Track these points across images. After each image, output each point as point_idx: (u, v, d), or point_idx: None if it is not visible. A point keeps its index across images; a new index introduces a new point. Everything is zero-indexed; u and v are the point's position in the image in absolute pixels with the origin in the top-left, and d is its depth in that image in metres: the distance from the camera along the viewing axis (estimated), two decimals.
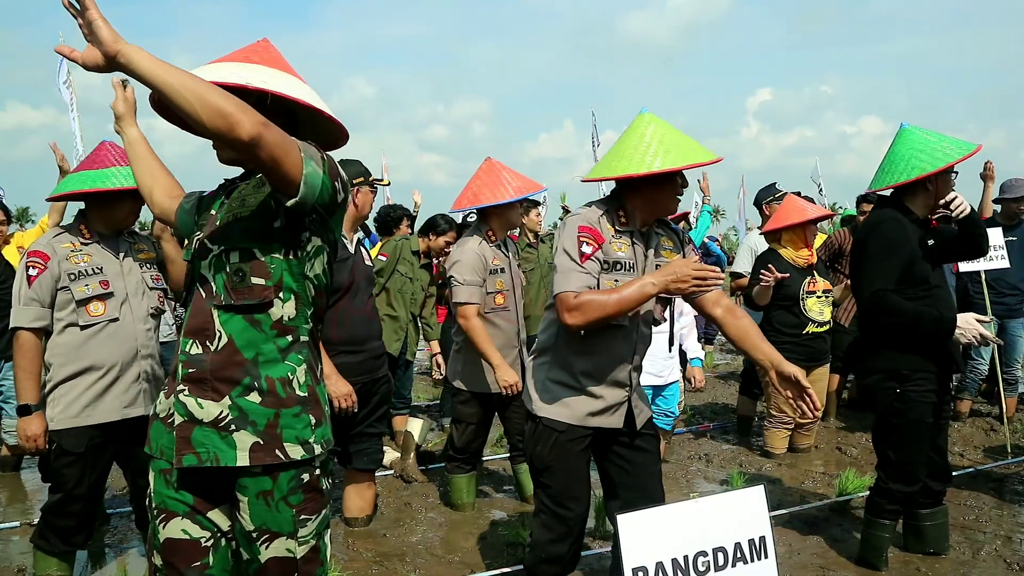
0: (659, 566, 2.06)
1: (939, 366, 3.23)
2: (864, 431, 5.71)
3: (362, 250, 3.84)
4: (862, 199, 6.53)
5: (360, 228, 6.02)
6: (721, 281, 2.34)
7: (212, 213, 1.92)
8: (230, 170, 1.95)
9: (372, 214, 5.66)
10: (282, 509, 1.83)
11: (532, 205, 6.60)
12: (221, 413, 1.79)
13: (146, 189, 2.23)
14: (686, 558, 2.11)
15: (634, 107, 2.90)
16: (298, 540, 1.85)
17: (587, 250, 2.39)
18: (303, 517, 1.86)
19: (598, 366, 2.52)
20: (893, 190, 3.28)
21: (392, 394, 4.82)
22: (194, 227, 1.97)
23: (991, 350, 5.73)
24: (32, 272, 2.92)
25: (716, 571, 2.15)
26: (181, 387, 1.83)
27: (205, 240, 1.86)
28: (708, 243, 8.73)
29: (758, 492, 2.27)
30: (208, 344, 1.81)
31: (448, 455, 4.34)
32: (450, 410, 4.56)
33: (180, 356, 1.85)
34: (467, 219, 5.67)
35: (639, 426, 2.62)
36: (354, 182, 3.68)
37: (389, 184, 10.80)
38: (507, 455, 4.63)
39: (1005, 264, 5.21)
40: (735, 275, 6.23)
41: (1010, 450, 5.15)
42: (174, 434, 1.82)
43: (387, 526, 4.02)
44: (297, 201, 1.71)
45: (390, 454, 4.92)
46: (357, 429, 3.78)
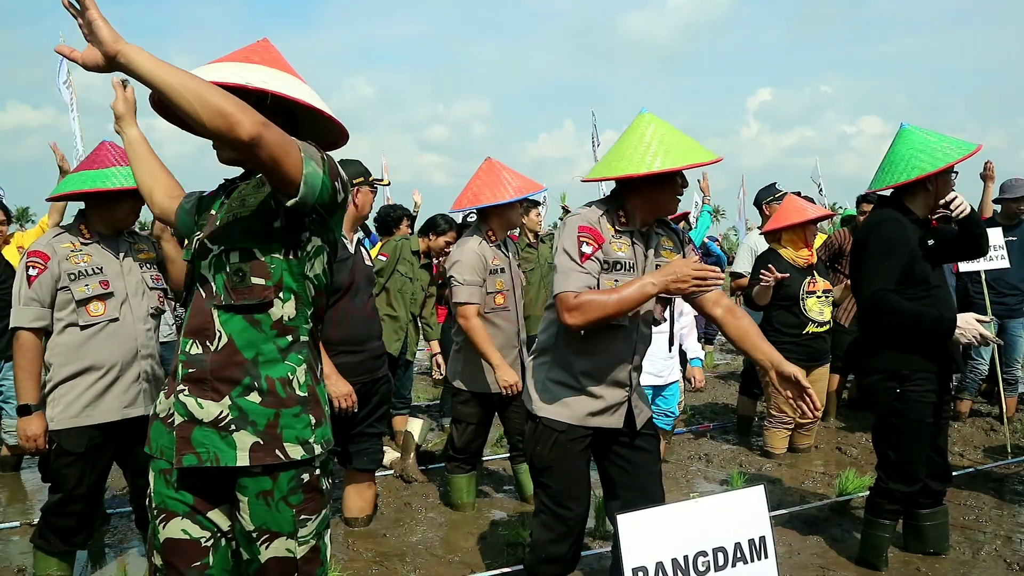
0: (659, 566, 2.07)
1: (939, 366, 3.23)
2: (864, 431, 5.71)
3: (362, 250, 3.84)
4: (862, 199, 6.53)
5: (360, 228, 6.03)
6: (721, 281, 2.34)
7: (212, 213, 1.92)
8: (230, 170, 1.95)
9: (372, 214, 5.67)
10: (282, 509, 1.83)
11: (532, 205, 6.59)
12: (221, 413, 1.79)
13: (146, 189, 2.23)
14: (686, 558, 2.11)
15: (634, 107, 2.90)
16: (298, 540, 1.85)
17: (587, 250, 2.39)
18: (303, 517, 1.86)
19: (598, 366, 2.52)
20: (893, 190, 3.28)
21: (392, 394, 4.82)
22: (194, 227, 1.97)
23: (991, 350, 5.73)
24: (32, 272, 2.92)
25: (716, 571, 2.15)
26: (181, 387, 1.83)
27: (205, 240, 1.86)
28: (708, 243, 8.73)
29: (758, 492, 2.27)
30: (208, 344, 1.81)
31: (448, 455, 4.34)
32: (450, 410, 4.56)
33: (180, 356, 1.85)
34: (467, 219, 5.67)
35: (639, 426, 2.62)
36: (354, 182, 3.68)
37: (389, 184, 10.80)
38: (507, 455, 4.63)
39: (1005, 264, 5.21)
40: (735, 275, 6.22)
41: (1010, 450, 5.14)
42: (174, 434, 1.82)
43: (387, 526, 4.02)
44: (297, 201, 1.71)
45: (390, 454, 4.92)
46: (357, 429, 3.78)
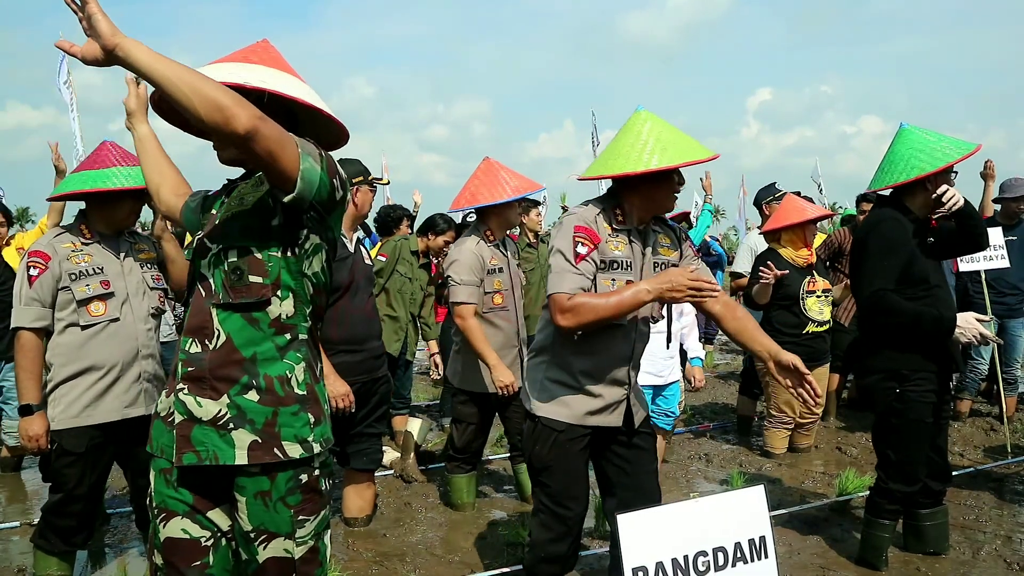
0: (659, 566, 2.07)
1: (939, 366, 3.23)
2: (864, 431, 5.71)
3: (362, 249, 3.84)
4: (862, 198, 6.53)
5: (360, 227, 6.04)
6: (717, 294, 2.33)
7: (213, 212, 1.93)
8: (230, 171, 1.95)
9: (372, 214, 5.67)
10: (280, 510, 1.83)
11: (532, 205, 6.59)
12: (220, 411, 1.79)
13: (153, 186, 2.25)
14: (686, 558, 2.11)
15: (634, 107, 2.88)
16: (296, 541, 1.85)
17: (582, 250, 2.39)
18: (301, 518, 1.86)
19: (597, 365, 2.52)
20: (893, 190, 3.28)
21: (391, 394, 4.83)
22: (199, 226, 1.98)
23: (991, 350, 5.73)
24: (33, 272, 2.92)
25: (716, 571, 2.15)
26: (181, 386, 1.83)
27: (204, 239, 1.86)
28: (710, 242, 8.71)
29: (758, 492, 2.27)
30: (207, 343, 1.82)
31: (448, 455, 4.34)
32: (450, 410, 4.56)
33: (180, 355, 1.85)
34: (467, 219, 5.67)
35: (637, 424, 2.63)
36: (353, 181, 3.68)
37: (388, 183, 10.79)
38: (507, 455, 4.63)
39: (1005, 264, 5.21)
40: (735, 275, 6.22)
41: (1010, 450, 5.14)
42: (174, 433, 1.82)
43: (387, 526, 4.02)
44: (294, 197, 1.70)
45: (390, 454, 4.92)
46: (356, 429, 3.79)
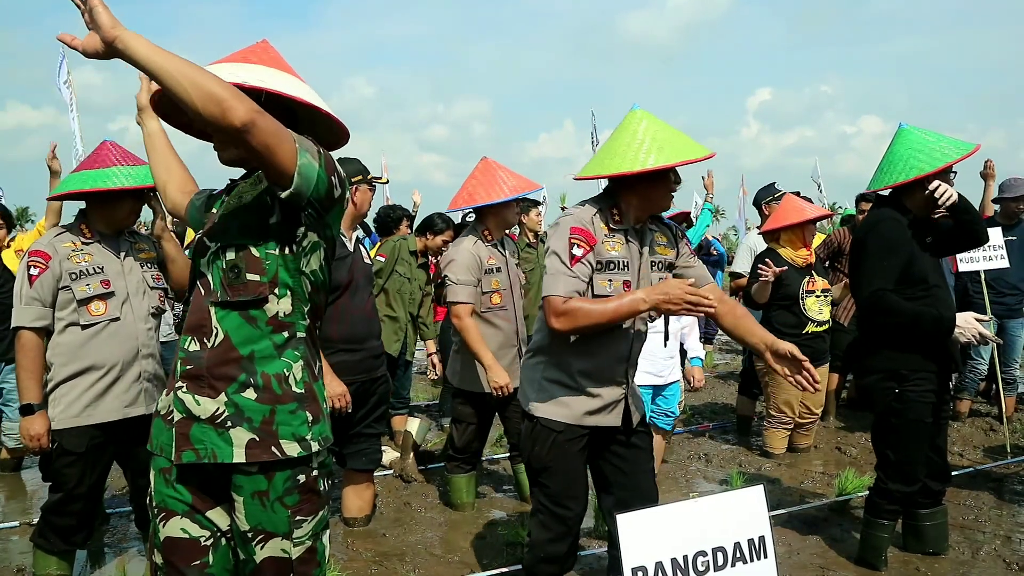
0: (658, 566, 2.07)
1: (938, 366, 3.23)
2: (863, 431, 5.71)
3: (361, 248, 3.85)
4: (861, 198, 6.54)
5: (360, 227, 6.03)
6: (713, 309, 2.33)
7: (213, 211, 1.94)
8: (231, 172, 1.96)
9: (371, 213, 5.66)
10: (277, 510, 1.83)
11: (532, 205, 6.58)
12: (218, 410, 1.80)
13: (160, 182, 2.26)
14: (685, 558, 2.11)
15: (633, 107, 2.86)
16: (293, 541, 1.85)
17: (578, 252, 2.38)
18: (299, 518, 1.85)
19: (595, 365, 2.52)
20: (892, 190, 3.28)
21: (390, 394, 4.82)
22: (203, 224, 1.98)
23: (990, 350, 5.73)
24: (33, 272, 2.92)
25: (715, 571, 2.15)
26: (180, 384, 1.83)
27: (204, 237, 1.87)
28: (712, 241, 8.67)
29: (757, 492, 2.27)
30: (205, 341, 1.82)
31: (448, 455, 4.34)
32: (450, 410, 4.56)
33: (179, 353, 1.86)
34: (466, 219, 5.67)
35: (635, 423, 2.63)
36: (352, 180, 3.68)
37: (387, 182, 10.79)
38: (507, 455, 4.63)
39: (1004, 264, 5.22)
40: (734, 275, 6.22)
41: (1009, 450, 5.15)
42: (173, 431, 1.83)
43: (386, 526, 4.02)
44: (291, 192, 1.70)
45: (389, 454, 4.92)
46: (355, 429, 3.79)
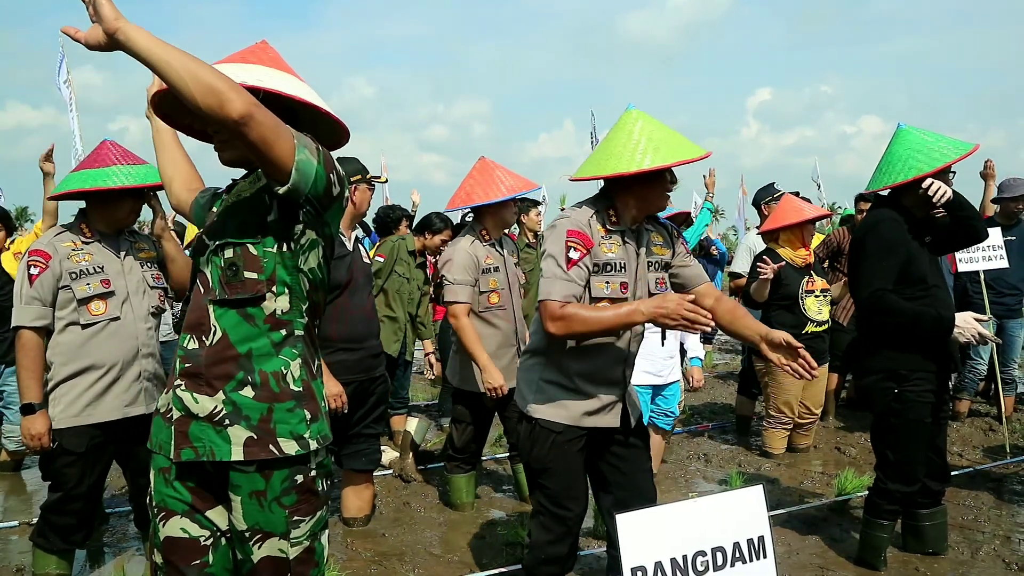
0: (658, 566, 2.06)
1: (938, 366, 3.23)
2: (863, 431, 5.71)
3: (360, 248, 3.85)
4: (860, 198, 6.54)
5: (360, 227, 6.02)
6: (710, 328, 2.32)
7: (214, 210, 1.94)
8: (231, 172, 1.96)
9: (371, 213, 5.66)
10: (275, 510, 1.82)
11: (531, 205, 6.58)
12: (215, 408, 1.80)
13: (167, 179, 2.26)
14: (685, 558, 2.11)
15: (634, 107, 2.85)
16: (291, 541, 1.85)
17: (574, 256, 2.38)
18: (296, 518, 1.85)
19: (593, 366, 2.52)
20: (891, 190, 3.29)
21: (389, 394, 4.83)
22: (205, 222, 1.98)
23: (990, 350, 5.73)
24: (33, 271, 2.92)
25: (715, 571, 2.15)
26: (178, 382, 1.84)
27: (203, 236, 1.87)
28: (714, 240, 8.62)
29: (757, 492, 2.27)
30: (203, 339, 1.82)
31: (447, 455, 4.35)
32: (449, 410, 4.56)
33: (178, 351, 1.86)
34: (465, 218, 5.67)
35: (633, 423, 2.63)
36: (352, 179, 3.68)
37: (387, 182, 10.79)
38: (507, 455, 4.63)
39: (1004, 264, 5.22)
40: (733, 275, 6.23)
41: (1008, 450, 5.15)
42: (172, 429, 1.83)
43: (386, 526, 4.02)
44: (289, 188, 1.70)
45: (389, 454, 4.92)
46: (354, 430, 3.79)
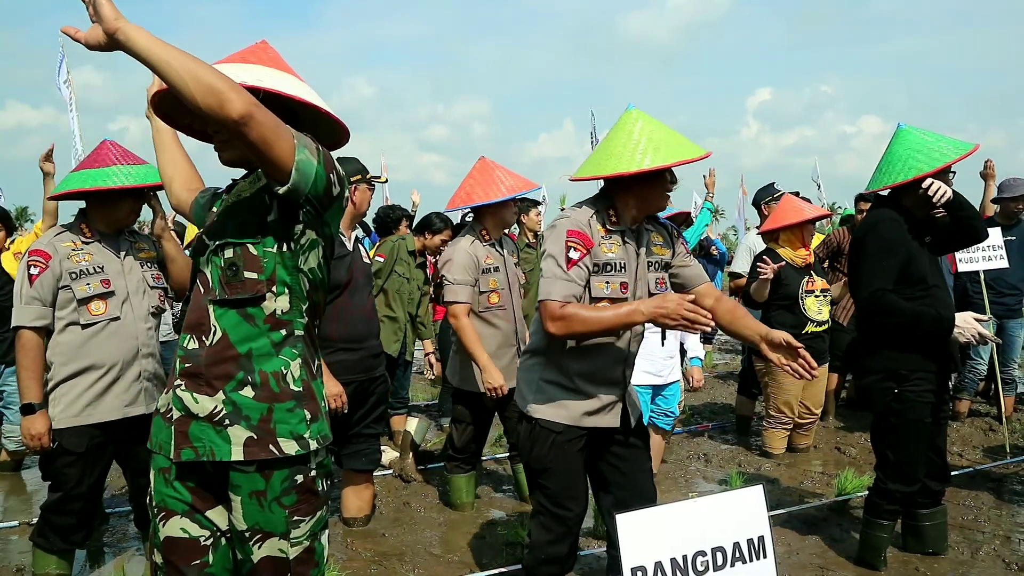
0: (658, 566, 2.06)
1: (938, 366, 3.23)
2: (863, 431, 5.71)
3: (360, 248, 3.85)
4: (860, 198, 6.55)
5: (360, 227, 6.02)
6: (709, 328, 2.31)
7: (214, 210, 1.94)
8: (230, 173, 1.96)
9: (371, 213, 5.65)
10: (275, 510, 1.82)
11: (532, 205, 6.58)
12: (215, 408, 1.80)
13: (167, 178, 2.26)
14: (685, 558, 2.11)
15: (634, 107, 2.85)
16: (291, 541, 1.85)
17: (574, 256, 2.38)
18: (296, 519, 1.85)
19: (593, 366, 2.52)
20: (891, 190, 3.29)
21: (389, 394, 4.82)
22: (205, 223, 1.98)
23: (990, 350, 5.73)
24: (33, 271, 2.92)
25: (715, 571, 2.15)
26: (178, 382, 1.84)
27: (203, 236, 1.87)
28: (714, 240, 8.61)
29: (757, 492, 2.27)
30: (204, 339, 1.82)
31: (448, 455, 4.34)
32: (449, 410, 4.56)
33: (178, 351, 1.86)
34: (466, 218, 5.66)
35: (633, 423, 2.63)
36: (351, 179, 3.68)
37: (387, 182, 10.78)
38: (507, 455, 4.63)
39: (1004, 264, 5.22)
40: (733, 275, 6.23)
41: (1008, 450, 5.15)
42: (172, 429, 1.83)
43: (386, 526, 4.02)
44: (289, 188, 1.70)
45: (389, 454, 4.92)
46: (354, 430, 3.79)
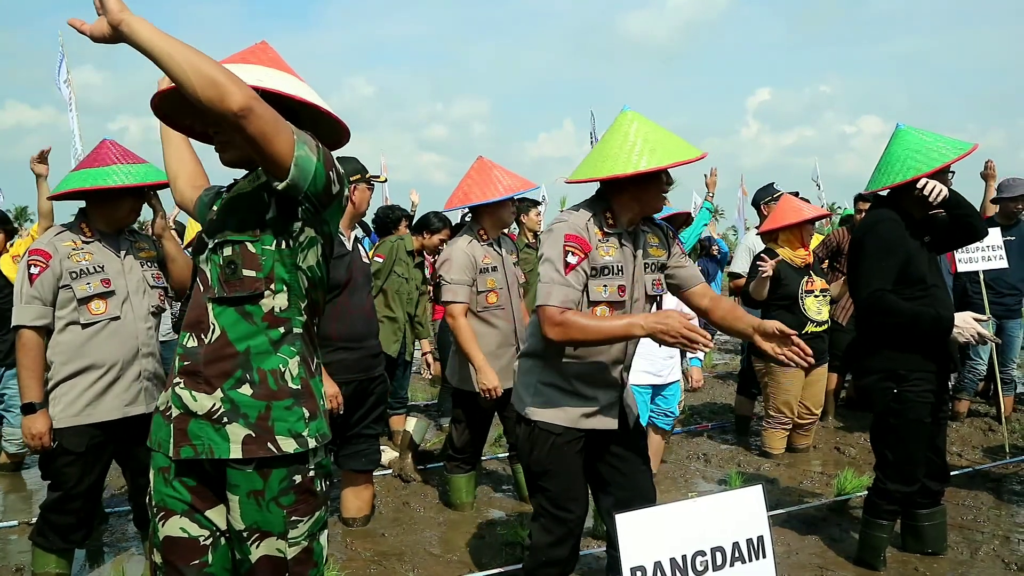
0: (657, 566, 2.06)
1: (937, 366, 3.23)
2: (862, 431, 5.71)
3: (360, 248, 3.85)
4: (859, 198, 6.55)
5: (360, 226, 6.02)
6: (707, 349, 2.31)
7: (214, 209, 1.94)
8: (230, 173, 1.96)
9: (370, 213, 5.66)
10: (272, 510, 1.82)
11: (531, 205, 6.58)
12: (214, 405, 1.80)
13: (172, 174, 2.25)
14: (684, 558, 2.11)
15: (634, 107, 2.86)
16: (289, 541, 1.85)
17: (572, 260, 2.38)
18: (294, 518, 1.85)
19: (591, 368, 2.52)
20: (890, 190, 3.29)
21: (389, 394, 4.82)
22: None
23: (989, 350, 5.74)
24: (34, 270, 2.92)
25: (714, 571, 2.15)
26: (177, 380, 1.84)
27: (203, 234, 1.88)
28: (716, 240, 8.59)
29: (756, 492, 2.27)
30: (202, 337, 1.82)
31: (447, 455, 4.34)
32: (449, 410, 4.55)
33: (178, 350, 1.87)
34: (464, 218, 5.66)
35: (630, 424, 2.63)
36: (351, 179, 3.68)
37: (386, 181, 10.78)
38: (507, 455, 4.63)
39: (1003, 264, 5.22)
40: (733, 275, 6.23)
41: (1008, 450, 5.15)
42: (171, 427, 1.83)
43: (385, 526, 4.02)
44: (288, 184, 1.70)
45: (388, 454, 4.92)
46: (354, 430, 3.79)
